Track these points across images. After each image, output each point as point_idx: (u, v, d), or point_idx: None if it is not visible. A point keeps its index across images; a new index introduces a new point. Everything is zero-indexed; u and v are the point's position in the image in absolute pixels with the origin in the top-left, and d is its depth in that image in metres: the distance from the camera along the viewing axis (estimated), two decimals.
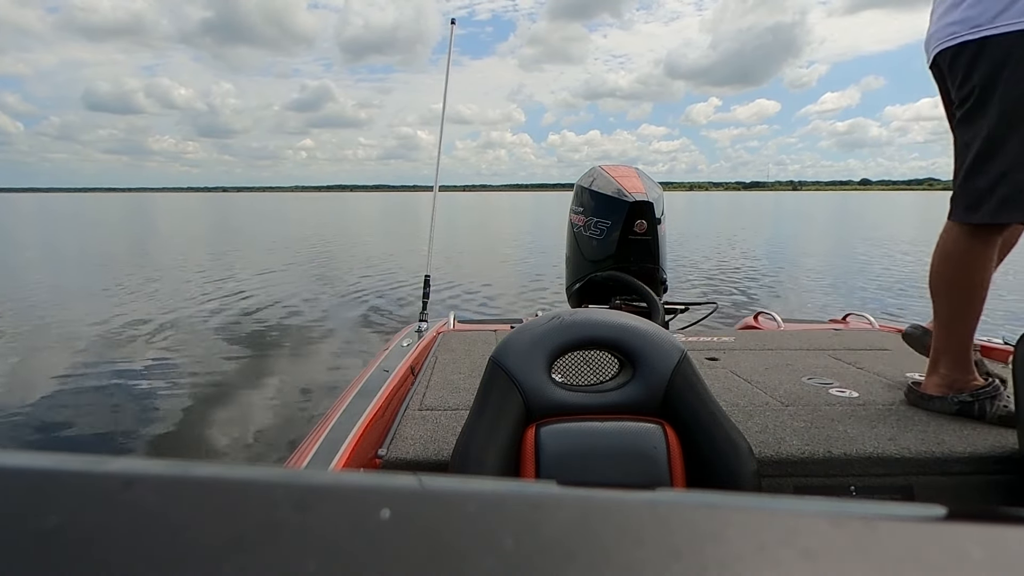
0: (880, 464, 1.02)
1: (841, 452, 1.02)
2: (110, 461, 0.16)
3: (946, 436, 1.08)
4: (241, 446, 2.75)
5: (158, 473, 0.16)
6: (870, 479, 1.02)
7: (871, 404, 1.27)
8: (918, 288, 8.00)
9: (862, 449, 1.03)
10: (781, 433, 1.10)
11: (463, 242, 14.60)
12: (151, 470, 0.16)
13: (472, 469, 0.70)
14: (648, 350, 0.74)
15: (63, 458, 0.16)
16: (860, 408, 1.24)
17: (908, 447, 1.04)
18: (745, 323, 2.63)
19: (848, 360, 1.65)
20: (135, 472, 0.15)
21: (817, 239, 16.78)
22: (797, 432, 1.10)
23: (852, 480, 1.02)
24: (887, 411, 1.22)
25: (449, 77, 2.51)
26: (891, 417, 1.18)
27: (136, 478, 0.15)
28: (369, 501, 0.14)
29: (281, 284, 7.65)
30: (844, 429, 1.12)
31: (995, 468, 1.02)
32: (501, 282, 8.00)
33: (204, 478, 0.15)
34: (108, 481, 0.15)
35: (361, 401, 1.19)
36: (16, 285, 7.83)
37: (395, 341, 1.84)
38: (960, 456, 1.02)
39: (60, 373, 3.78)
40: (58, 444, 2.76)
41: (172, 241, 16.08)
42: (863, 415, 1.20)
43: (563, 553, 0.13)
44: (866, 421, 1.16)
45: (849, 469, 1.02)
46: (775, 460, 1.01)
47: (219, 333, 5.00)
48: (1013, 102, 1.08)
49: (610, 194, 2.22)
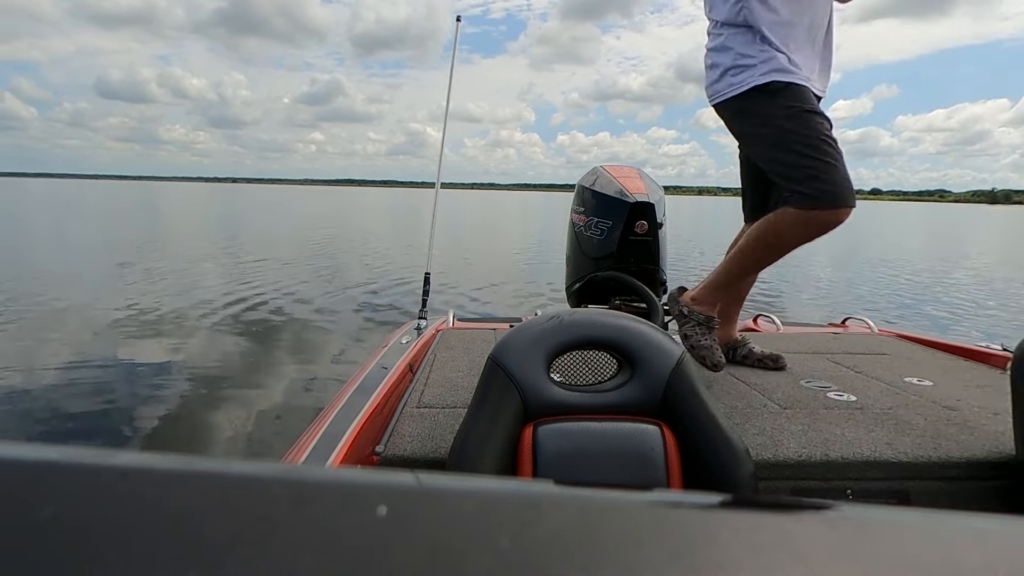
0: (877, 468, 1.02)
1: (838, 455, 1.02)
2: (107, 453, 0.16)
3: (943, 441, 1.09)
4: (240, 437, 2.75)
5: (155, 466, 0.16)
6: (867, 483, 1.02)
7: (869, 408, 1.27)
8: (918, 293, 8.01)
9: (859, 453, 1.03)
10: (779, 436, 1.10)
11: (467, 241, 14.61)
12: (148, 463, 0.16)
13: (469, 467, 0.70)
14: (647, 351, 0.74)
15: (59, 450, 0.16)
16: (858, 412, 1.24)
17: (905, 451, 1.04)
18: (744, 326, 2.63)
19: (847, 364, 1.65)
20: (132, 465, 0.15)
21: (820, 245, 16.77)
22: (794, 435, 1.10)
23: (849, 484, 1.02)
24: (885, 415, 1.22)
25: (454, 75, 2.51)
26: (889, 421, 1.18)
27: (133, 471, 0.15)
28: (366, 498, 0.15)
29: (284, 278, 7.63)
30: (842, 432, 1.12)
31: (992, 474, 1.02)
32: (505, 282, 8.01)
33: (201, 472, 0.16)
34: (105, 473, 0.15)
35: (359, 398, 1.19)
36: (29, 269, 7.86)
37: (394, 338, 1.84)
38: (957, 461, 1.02)
39: (55, 360, 3.80)
40: (56, 428, 2.77)
41: (181, 231, 16.12)
42: (861, 419, 1.20)
43: (560, 552, 0.13)
44: (864, 425, 1.16)
45: (846, 472, 1.02)
46: (772, 463, 1.01)
47: (221, 324, 5.01)
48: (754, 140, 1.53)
49: (611, 194, 2.22)
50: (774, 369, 1.58)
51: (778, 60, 1.46)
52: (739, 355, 1.65)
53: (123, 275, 7.55)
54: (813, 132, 1.42)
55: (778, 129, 1.45)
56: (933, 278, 9.59)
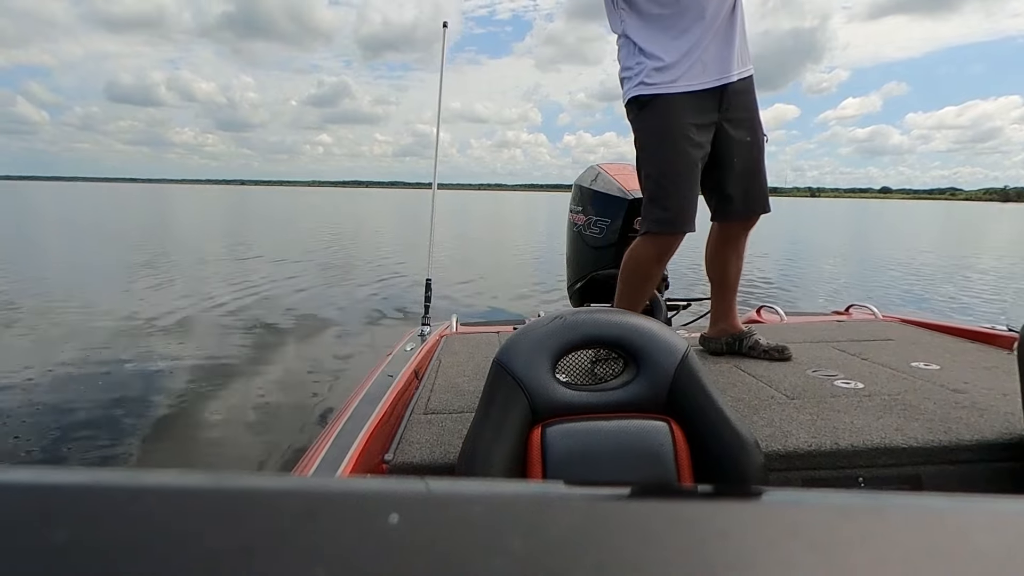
0: (888, 455, 1.01)
1: (848, 444, 1.02)
2: (117, 474, 0.16)
3: (953, 425, 1.08)
4: (246, 444, 2.76)
5: (166, 484, 0.16)
6: (878, 470, 1.01)
7: (877, 395, 1.26)
8: (921, 281, 7.98)
9: (869, 440, 1.03)
10: (787, 426, 1.10)
11: (471, 241, 14.63)
12: (159, 482, 0.16)
13: (479, 471, 0.70)
14: (651, 348, 0.74)
15: (72, 472, 0.16)
16: (866, 399, 1.24)
17: (915, 437, 1.03)
18: (748, 317, 2.62)
19: (852, 351, 1.65)
20: (142, 484, 0.15)
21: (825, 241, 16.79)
22: (803, 425, 1.10)
23: (860, 471, 1.01)
24: (893, 401, 1.22)
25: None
26: (897, 407, 1.18)
27: (144, 490, 0.15)
28: (377, 507, 0.14)
29: (290, 282, 7.65)
30: (851, 420, 1.11)
31: (1003, 455, 1.02)
32: (509, 282, 8.01)
33: (212, 488, 0.16)
34: (115, 494, 0.15)
35: (366, 407, 1.19)
36: (38, 272, 7.91)
37: (398, 346, 1.84)
38: (967, 444, 1.02)
39: (55, 360, 3.83)
40: (59, 428, 2.78)
41: (189, 234, 16.20)
42: (869, 406, 1.19)
43: (571, 553, 0.13)
44: (872, 412, 1.16)
45: (856, 460, 1.01)
46: (782, 454, 1.01)
47: (227, 327, 5.02)
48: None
49: (610, 192, 2.22)
50: (780, 360, 1.57)
51: (646, 70, 1.45)
52: (745, 347, 1.64)
53: (129, 278, 7.60)
54: (662, 157, 1.47)
55: (639, 146, 1.52)
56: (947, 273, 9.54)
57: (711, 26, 1.44)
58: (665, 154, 1.46)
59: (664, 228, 1.48)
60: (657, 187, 1.48)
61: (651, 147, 1.49)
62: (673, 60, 1.44)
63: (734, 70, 1.48)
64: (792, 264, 10.20)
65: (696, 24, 1.43)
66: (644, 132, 1.50)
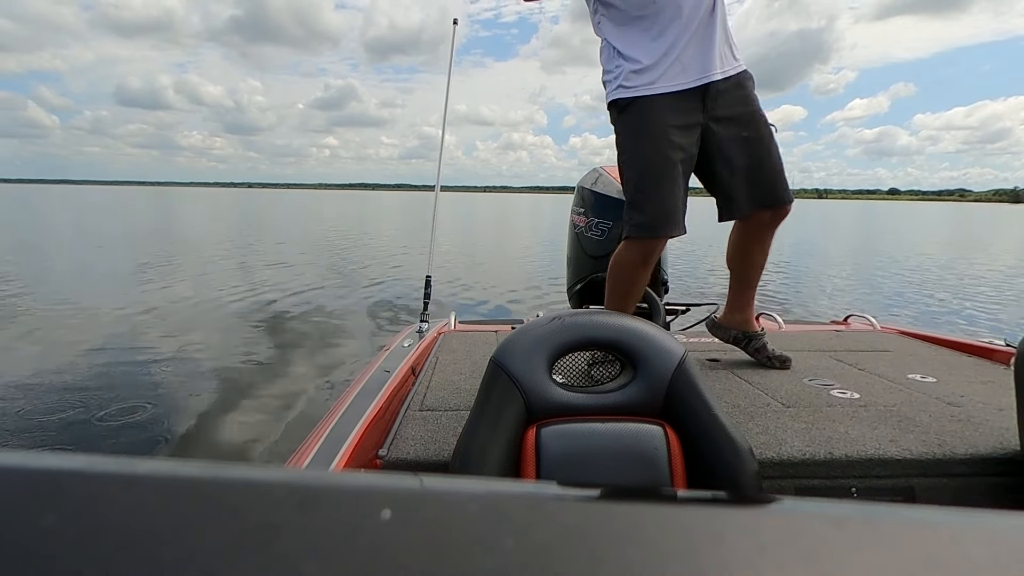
0: (881, 465, 1.01)
1: (842, 453, 1.02)
2: (110, 461, 0.16)
3: (947, 437, 1.08)
4: (243, 441, 2.75)
5: (157, 473, 0.16)
6: (871, 480, 1.01)
7: (872, 405, 1.27)
8: (920, 289, 7.99)
9: (863, 450, 1.03)
10: (782, 434, 1.10)
11: (473, 243, 14.63)
12: (151, 470, 0.16)
13: (473, 470, 0.70)
14: (649, 351, 0.74)
15: (64, 457, 0.16)
16: (861, 409, 1.24)
17: (909, 448, 1.04)
18: None
19: (849, 361, 1.65)
20: (136, 472, 0.15)
21: (827, 245, 16.77)
22: (798, 433, 1.10)
23: (853, 482, 1.01)
24: (888, 412, 1.22)
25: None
26: (892, 419, 1.18)
27: (137, 478, 0.15)
28: (370, 502, 0.14)
29: (293, 280, 7.65)
30: (845, 430, 1.11)
31: (997, 470, 1.02)
32: (509, 282, 8.02)
33: (205, 479, 0.15)
34: (107, 481, 0.15)
35: (362, 401, 1.19)
36: (47, 272, 7.91)
37: (396, 341, 1.84)
38: (962, 458, 1.02)
39: (55, 361, 3.81)
40: (56, 426, 2.77)
41: (195, 235, 16.21)
42: (864, 416, 1.19)
43: (564, 554, 0.13)
44: (867, 422, 1.16)
45: (850, 471, 1.01)
46: (776, 461, 1.01)
47: (229, 325, 5.02)
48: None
49: (612, 194, 2.22)
50: (779, 369, 1.57)
51: (625, 73, 1.44)
52: (752, 347, 1.63)
53: (138, 276, 7.61)
54: (641, 160, 1.45)
55: (620, 149, 1.51)
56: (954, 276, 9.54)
57: (689, 26, 1.42)
58: (645, 157, 1.45)
59: (644, 233, 1.47)
60: (636, 191, 1.47)
61: (630, 150, 1.48)
62: (651, 62, 1.42)
63: (716, 69, 1.45)
64: (792, 267, 10.21)
65: (673, 25, 1.41)
66: (624, 135, 1.49)
